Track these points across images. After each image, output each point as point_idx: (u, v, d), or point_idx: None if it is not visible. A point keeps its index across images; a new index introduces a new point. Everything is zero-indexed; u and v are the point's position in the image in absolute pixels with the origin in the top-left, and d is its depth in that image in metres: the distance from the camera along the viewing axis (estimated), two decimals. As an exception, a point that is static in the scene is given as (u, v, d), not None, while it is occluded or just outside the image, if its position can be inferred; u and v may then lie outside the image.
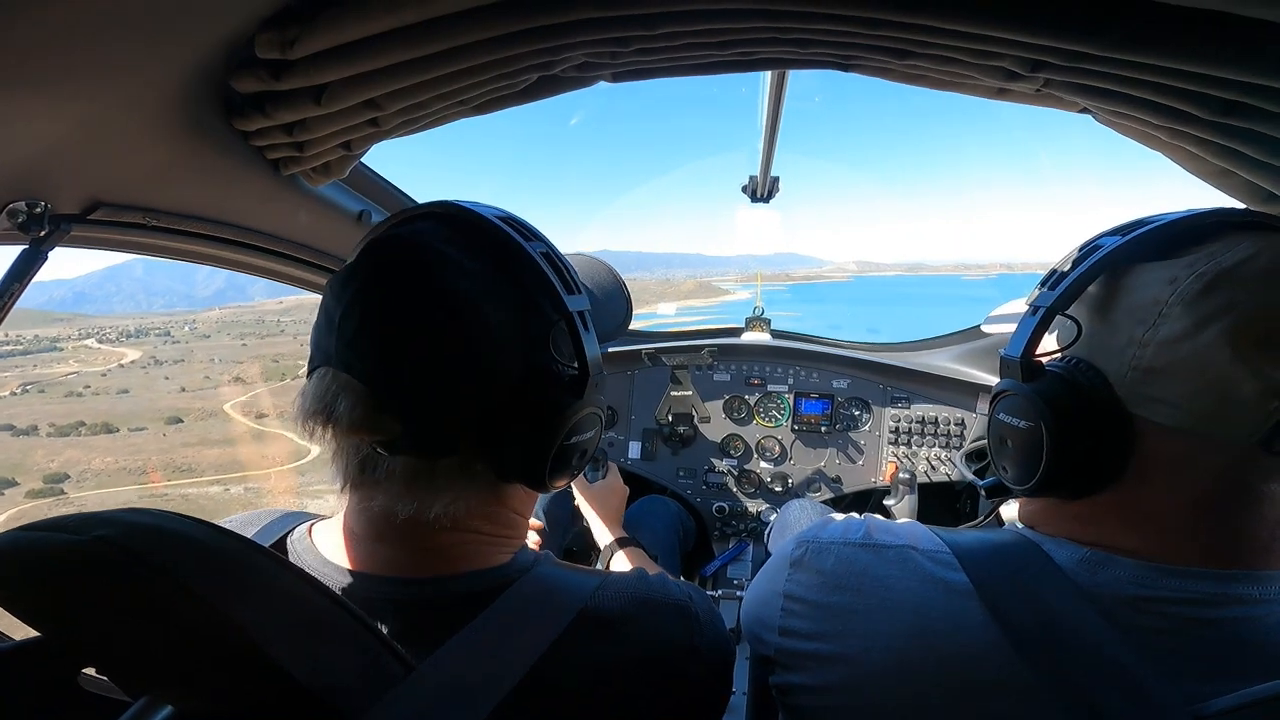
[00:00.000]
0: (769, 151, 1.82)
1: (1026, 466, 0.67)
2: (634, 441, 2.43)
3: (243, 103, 0.86)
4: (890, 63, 0.88)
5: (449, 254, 0.63)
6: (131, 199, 0.95)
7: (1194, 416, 0.57)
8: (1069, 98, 0.88)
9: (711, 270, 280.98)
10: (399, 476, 0.64)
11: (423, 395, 0.61)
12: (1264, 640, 0.56)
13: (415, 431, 0.62)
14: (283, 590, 0.51)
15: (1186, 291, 0.56)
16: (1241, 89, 0.74)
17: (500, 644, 0.60)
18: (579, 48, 0.84)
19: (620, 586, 0.70)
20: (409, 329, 0.60)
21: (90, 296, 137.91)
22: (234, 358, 68.32)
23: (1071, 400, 0.63)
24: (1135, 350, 0.59)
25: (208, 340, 73.41)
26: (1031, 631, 0.58)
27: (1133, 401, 0.60)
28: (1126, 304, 0.62)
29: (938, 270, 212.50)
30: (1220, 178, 0.96)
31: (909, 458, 2.27)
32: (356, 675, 0.51)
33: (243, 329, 77.77)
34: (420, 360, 0.60)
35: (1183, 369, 0.56)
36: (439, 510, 0.64)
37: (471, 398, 0.63)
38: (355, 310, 0.60)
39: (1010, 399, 0.70)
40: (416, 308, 0.60)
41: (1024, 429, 0.67)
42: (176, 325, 78.06)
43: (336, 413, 0.59)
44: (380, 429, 0.61)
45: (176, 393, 57.90)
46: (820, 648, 0.69)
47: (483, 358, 0.62)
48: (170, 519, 0.49)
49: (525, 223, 0.71)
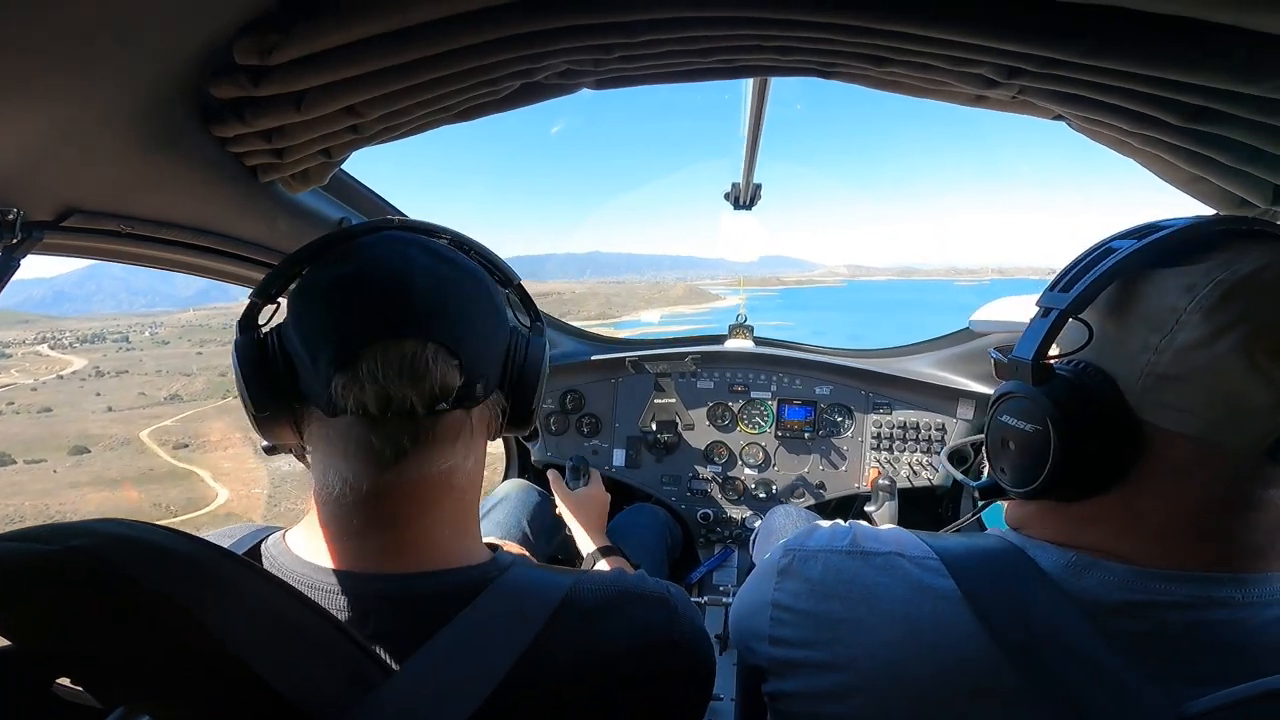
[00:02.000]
0: (751, 159, 1.83)
1: (1029, 469, 0.67)
2: (618, 449, 2.43)
3: (221, 109, 0.85)
4: (870, 69, 0.88)
5: (427, 243, 0.71)
6: (106, 206, 0.93)
7: (1205, 424, 0.57)
8: (1043, 104, 0.89)
9: (702, 273, 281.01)
10: (444, 435, 0.67)
11: (478, 342, 0.68)
12: (1247, 642, 0.56)
13: (475, 379, 0.68)
14: (257, 597, 0.51)
15: (1205, 300, 0.56)
16: (1209, 94, 0.75)
17: (480, 643, 0.60)
18: (561, 55, 0.84)
19: (598, 581, 0.71)
20: (450, 290, 0.67)
21: (69, 295, 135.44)
22: (184, 368, 64.73)
23: (1081, 404, 0.62)
24: (1150, 356, 0.59)
25: (165, 347, 69.43)
26: (1019, 637, 0.58)
27: (1143, 407, 0.60)
28: (1142, 310, 0.61)
29: (930, 275, 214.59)
30: (1192, 184, 0.98)
31: (891, 463, 2.29)
32: (333, 680, 0.51)
33: (206, 334, 74.07)
34: (465, 314, 0.67)
35: (1198, 376, 0.56)
36: (469, 465, 0.72)
37: (498, 339, 0.73)
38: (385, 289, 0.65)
39: (1017, 401, 0.69)
40: (446, 273, 0.68)
41: (1030, 432, 0.66)
42: (138, 329, 74.02)
43: (438, 388, 0.64)
44: (451, 380, 0.65)
45: (101, 413, 53.91)
46: (810, 655, 0.69)
47: (497, 309, 0.73)
48: (144, 529, 0.49)
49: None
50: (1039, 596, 0.61)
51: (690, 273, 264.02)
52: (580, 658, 0.64)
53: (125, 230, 0.98)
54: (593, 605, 0.68)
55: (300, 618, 0.52)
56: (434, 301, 0.65)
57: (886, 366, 2.37)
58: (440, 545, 0.68)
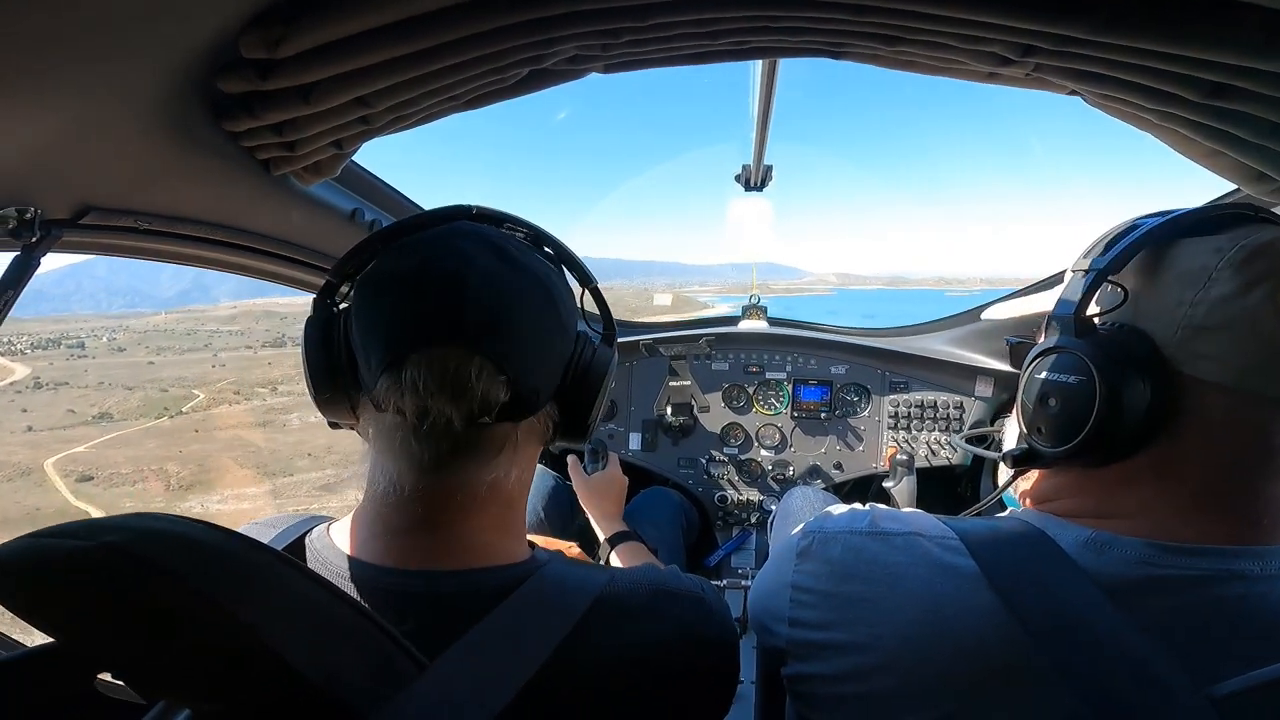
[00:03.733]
0: (761, 140, 1.81)
1: (1071, 425, 0.67)
2: (634, 433, 2.43)
3: (230, 104, 0.85)
4: (881, 49, 0.87)
5: (499, 237, 0.69)
6: (122, 203, 0.94)
7: (1240, 373, 0.59)
8: (1058, 81, 0.88)
9: (691, 279, 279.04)
10: (489, 444, 0.67)
11: (530, 356, 0.66)
12: (1268, 618, 0.56)
13: (526, 392, 0.66)
14: (291, 591, 0.51)
15: (1234, 258, 0.60)
16: (1229, 71, 0.74)
17: (513, 639, 0.60)
18: (570, 40, 0.83)
19: (634, 578, 0.71)
20: (508, 297, 0.65)
21: (48, 295, 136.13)
22: (130, 380, 59.42)
23: (1124, 356, 0.64)
24: (1186, 310, 0.61)
25: (120, 355, 65.30)
26: (1040, 616, 0.58)
27: (1180, 360, 0.62)
28: (1175, 270, 0.64)
29: (919, 284, 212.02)
30: (1210, 159, 0.97)
31: (909, 442, 2.28)
32: (368, 674, 0.51)
33: (168, 341, 69.62)
34: (520, 324, 0.65)
35: (1234, 325, 0.59)
36: (518, 474, 0.71)
37: (556, 353, 0.70)
38: (435, 289, 0.63)
39: (1061, 355, 0.69)
40: (507, 278, 0.65)
41: (1074, 384, 0.67)
42: (95, 335, 70.31)
43: (488, 401, 0.62)
44: (497, 394, 0.63)
45: (21, 433, 48.72)
46: (831, 637, 0.69)
47: (563, 317, 0.70)
48: (178, 523, 0.50)
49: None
50: (1059, 576, 0.61)
51: (679, 279, 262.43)
52: (615, 654, 0.64)
53: (141, 226, 0.99)
54: (628, 603, 0.68)
55: (335, 611, 0.52)
56: (487, 310, 0.63)
57: (902, 345, 2.35)
58: (482, 545, 0.69)
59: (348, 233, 1.35)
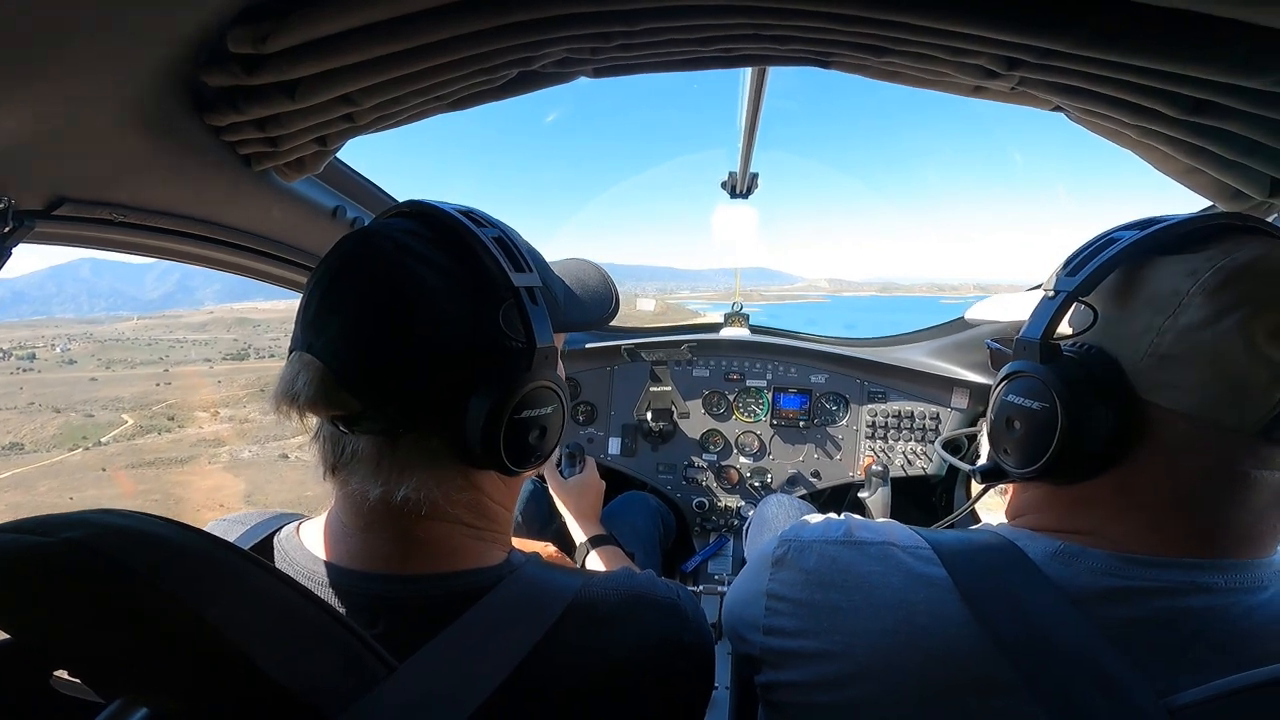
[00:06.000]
0: (748, 148, 1.82)
1: (1034, 449, 0.68)
2: (614, 437, 2.43)
3: (214, 97, 0.84)
4: (868, 59, 0.88)
5: (404, 241, 0.65)
6: (98, 195, 0.92)
7: (1204, 403, 0.58)
8: (1043, 95, 0.89)
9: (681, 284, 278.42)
10: (365, 456, 0.66)
11: (376, 371, 0.62)
12: (1229, 630, 0.57)
13: (372, 407, 0.63)
14: (256, 589, 0.50)
15: (1207, 283, 0.58)
16: (1210, 87, 0.75)
17: (486, 641, 0.60)
18: (560, 43, 0.83)
19: (609, 583, 0.70)
20: (362, 307, 0.63)
21: (28, 297, 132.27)
22: (60, 401, 54.48)
23: (1087, 382, 0.64)
24: (1153, 337, 0.61)
25: (69, 368, 60.19)
26: (1008, 627, 0.59)
27: (1145, 387, 0.62)
28: (1146, 293, 0.63)
29: (911, 290, 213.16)
30: (1189, 175, 0.98)
31: (886, 451, 2.30)
32: (335, 674, 0.50)
33: (122, 352, 64.39)
34: (373, 337, 0.62)
35: (1200, 355, 0.58)
36: (408, 492, 0.64)
37: (423, 372, 0.64)
38: (316, 293, 0.64)
39: (1025, 380, 0.70)
40: (369, 287, 0.63)
41: (1036, 410, 0.67)
42: (47, 344, 65.49)
43: (296, 389, 0.62)
44: (337, 405, 0.63)
45: None
46: (805, 645, 0.69)
47: (432, 334, 0.63)
48: (140, 519, 0.49)
49: (483, 213, 0.73)
50: (1027, 586, 0.62)
51: (670, 284, 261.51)
52: (588, 660, 0.64)
53: (117, 219, 0.97)
54: (603, 609, 0.67)
55: (302, 611, 0.52)
56: (339, 317, 0.62)
57: (882, 355, 2.37)
58: (452, 548, 0.68)
59: (329, 230, 1.33)
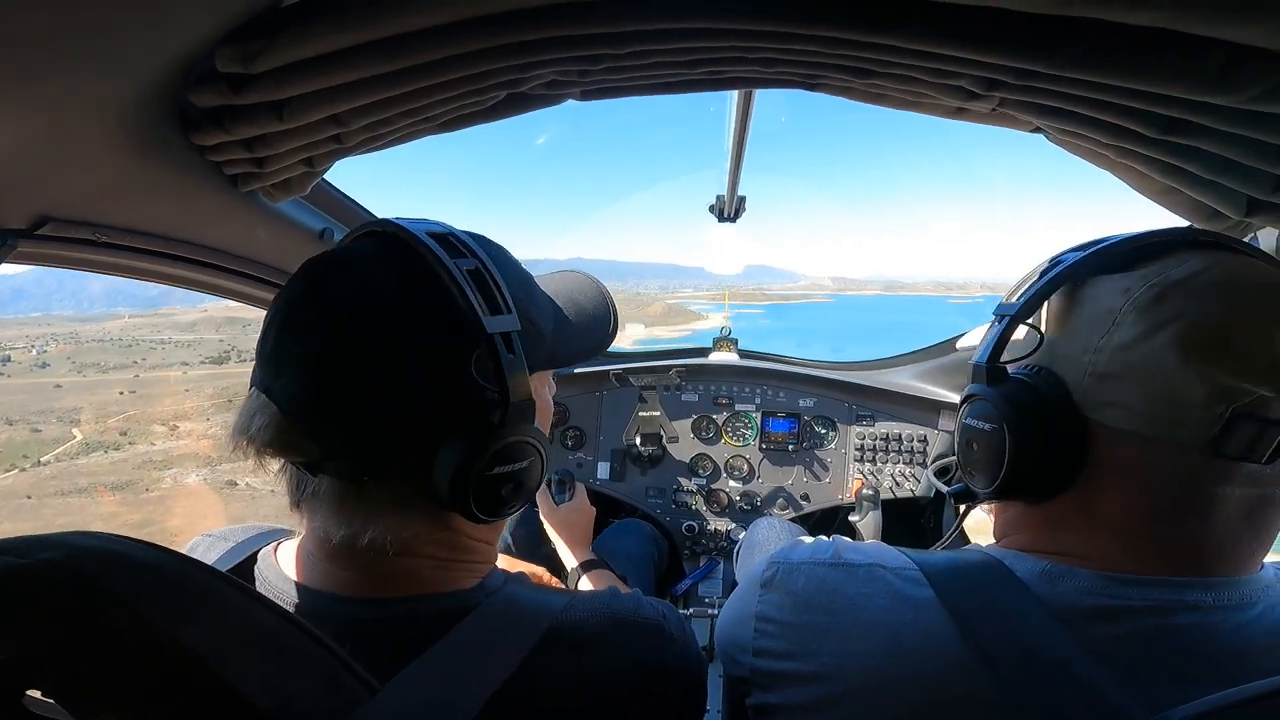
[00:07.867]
0: (735, 171, 1.84)
1: (991, 469, 0.69)
2: (602, 462, 2.41)
3: (201, 117, 0.84)
4: (853, 82, 0.89)
5: (366, 271, 0.62)
6: (82, 214, 0.91)
7: (1146, 420, 0.59)
8: (1023, 117, 0.91)
9: (685, 281, 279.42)
10: (326, 498, 0.62)
11: (334, 418, 0.59)
12: (1217, 647, 0.57)
13: (331, 454, 0.60)
14: (234, 612, 0.50)
15: (1139, 300, 0.59)
16: (1184, 106, 0.76)
17: (466, 665, 0.58)
18: (548, 65, 0.84)
19: (590, 605, 0.69)
20: (318, 352, 0.58)
21: (28, 294, 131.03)
22: (15, 412, 52.17)
23: (1031, 402, 0.65)
24: (1091, 356, 0.62)
25: (40, 372, 57.78)
26: (998, 646, 0.58)
27: (1088, 406, 0.63)
28: (1084, 313, 0.65)
29: (916, 289, 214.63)
30: (1165, 195, 0.99)
31: (874, 474, 2.30)
32: (315, 697, 0.50)
33: (98, 355, 62.59)
34: (330, 383, 0.58)
35: (1135, 373, 0.59)
36: (374, 535, 0.61)
37: (385, 420, 0.60)
38: (271, 330, 0.61)
39: (977, 403, 0.72)
40: (325, 330, 0.59)
41: (988, 431, 0.69)
42: (23, 347, 63.32)
43: (252, 432, 0.58)
44: (295, 450, 0.60)
45: None
46: (794, 667, 0.69)
47: (396, 379, 0.59)
48: (118, 542, 0.48)
49: (461, 237, 0.67)
50: (1015, 604, 0.62)
51: (673, 282, 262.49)
52: (568, 684, 0.62)
53: (100, 239, 0.96)
54: (582, 633, 0.66)
55: (279, 632, 0.51)
56: (296, 357, 0.59)
57: (869, 379, 2.39)
58: (424, 574, 0.66)
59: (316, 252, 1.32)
